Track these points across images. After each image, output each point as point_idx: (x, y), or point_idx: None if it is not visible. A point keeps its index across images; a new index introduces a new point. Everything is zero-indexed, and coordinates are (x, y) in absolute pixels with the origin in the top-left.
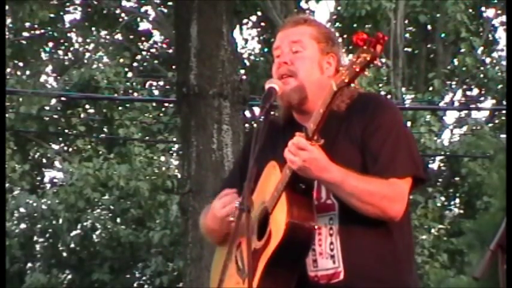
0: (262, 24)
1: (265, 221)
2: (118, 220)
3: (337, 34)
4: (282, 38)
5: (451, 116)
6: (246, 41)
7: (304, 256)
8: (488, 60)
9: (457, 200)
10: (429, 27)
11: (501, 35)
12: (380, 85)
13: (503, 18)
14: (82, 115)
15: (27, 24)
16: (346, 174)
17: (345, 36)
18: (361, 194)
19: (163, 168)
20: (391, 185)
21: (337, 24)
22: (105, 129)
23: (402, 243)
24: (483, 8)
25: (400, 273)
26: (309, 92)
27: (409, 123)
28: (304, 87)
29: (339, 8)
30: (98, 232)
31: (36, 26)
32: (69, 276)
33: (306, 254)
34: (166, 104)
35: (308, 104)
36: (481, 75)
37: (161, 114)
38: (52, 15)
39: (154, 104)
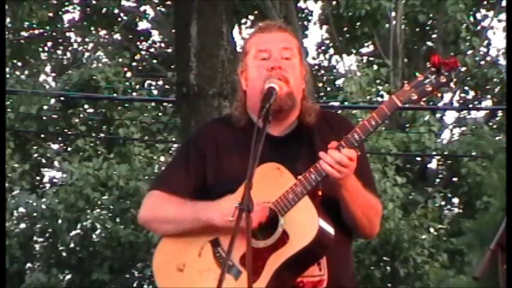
0: None
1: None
2: (118, 220)
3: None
4: (270, 41)
5: (450, 116)
6: None
7: (316, 261)
8: (487, 60)
9: (457, 200)
10: (428, 27)
11: (499, 35)
12: (379, 85)
13: (501, 17)
14: (81, 115)
15: (26, 23)
16: (360, 185)
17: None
18: (366, 207)
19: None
20: (378, 202)
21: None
22: (104, 129)
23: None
24: (482, 9)
25: (356, 284)
26: (296, 101)
27: (408, 123)
28: (294, 95)
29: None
30: (97, 232)
31: (35, 25)
32: (69, 276)
33: (319, 259)
34: (165, 104)
35: (289, 112)
36: (480, 76)
37: (161, 114)
38: (51, 15)
39: (153, 104)
